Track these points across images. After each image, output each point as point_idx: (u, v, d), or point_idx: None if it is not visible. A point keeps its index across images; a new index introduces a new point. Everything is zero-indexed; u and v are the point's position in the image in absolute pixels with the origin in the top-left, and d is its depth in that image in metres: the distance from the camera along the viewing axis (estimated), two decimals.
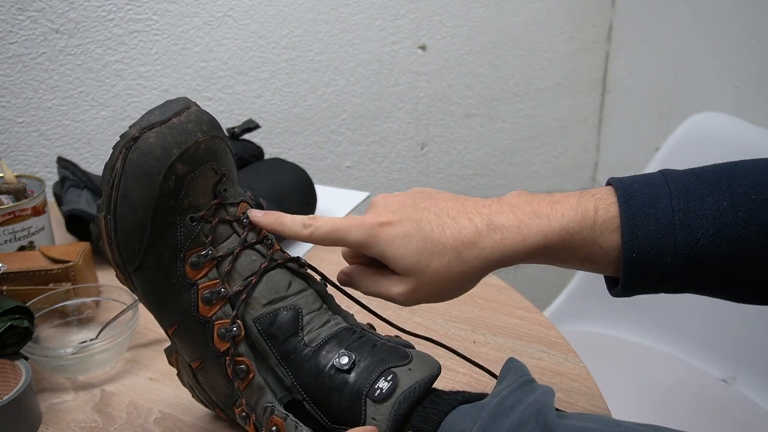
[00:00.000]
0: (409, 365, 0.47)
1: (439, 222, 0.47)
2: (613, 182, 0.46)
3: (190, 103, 0.48)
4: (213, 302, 0.48)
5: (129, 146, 0.46)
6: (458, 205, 0.48)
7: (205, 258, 0.48)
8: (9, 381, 0.60)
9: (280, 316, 0.49)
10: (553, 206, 0.46)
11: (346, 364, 0.47)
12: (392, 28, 1.43)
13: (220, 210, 0.49)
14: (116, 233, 0.47)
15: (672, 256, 0.42)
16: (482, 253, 0.46)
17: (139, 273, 0.48)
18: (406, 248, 0.46)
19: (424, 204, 0.49)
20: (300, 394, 0.48)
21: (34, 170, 1.21)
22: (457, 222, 0.47)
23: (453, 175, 1.64)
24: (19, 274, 0.72)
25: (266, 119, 1.38)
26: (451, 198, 0.49)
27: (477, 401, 0.45)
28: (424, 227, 0.47)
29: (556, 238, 0.45)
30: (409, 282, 0.47)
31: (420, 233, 0.46)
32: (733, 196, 0.42)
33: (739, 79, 1.28)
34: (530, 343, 0.70)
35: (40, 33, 1.15)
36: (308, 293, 0.50)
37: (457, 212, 0.47)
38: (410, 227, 0.47)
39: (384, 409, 0.44)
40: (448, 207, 0.48)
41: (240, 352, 0.48)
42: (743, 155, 1.18)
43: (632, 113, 1.62)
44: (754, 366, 1.07)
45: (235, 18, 1.29)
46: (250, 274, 0.49)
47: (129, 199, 0.46)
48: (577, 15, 1.60)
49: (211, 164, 0.48)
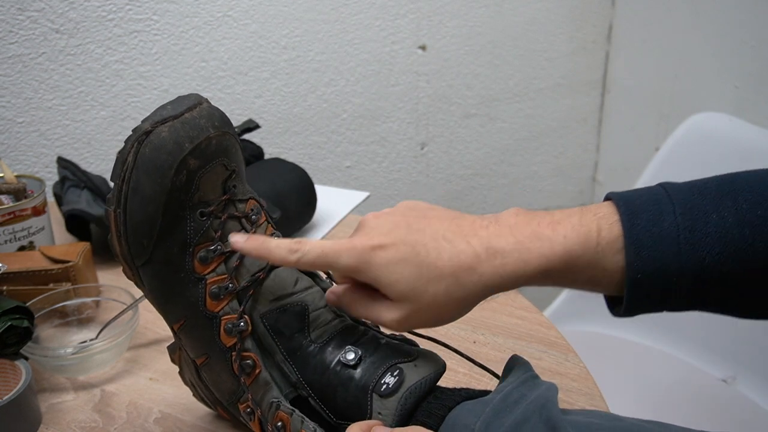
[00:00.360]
0: (414, 362, 0.47)
1: (436, 245, 0.45)
2: (613, 198, 0.44)
3: (201, 99, 0.48)
4: (221, 297, 0.48)
5: (141, 140, 0.46)
6: (454, 226, 0.46)
7: (213, 253, 0.48)
8: (9, 381, 0.60)
9: (287, 312, 0.49)
10: (554, 227, 0.44)
11: (353, 359, 0.47)
12: (392, 28, 1.43)
13: (229, 206, 0.49)
14: (126, 227, 0.47)
15: (677, 276, 0.41)
16: (482, 278, 0.44)
17: (148, 267, 0.48)
18: (401, 274, 0.44)
19: (418, 225, 0.46)
20: (305, 390, 0.48)
21: (34, 170, 1.21)
22: (455, 245, 0.44)
23: (453, 175, 1.64)
24: (19, 274, 0.72)
25: (266, 119, 1.38)
26: (446, 217, 0.47)
27: (481, 397, 0.45)
28: (420, 251, 0.44)
29: (558, 261, 0.43)
30: (403, 308, 0.45)
31: (416, 258, 0.44)
32: (739, 212, 0.41)
33: (739, 79, 1.28)
34: (530, 343, 0.70)
35: (40, 33, 1.15)
36: (314, 290, 0.51)
37: (454, 234, 0.45)
38: (405, 251, 0.44)
39: (390, 404, 0.45)
40: (444, 228, 0.46)
41: (246, 347, 0.48)
42: (743, 155, 1.18)
43: (632, 113, 1.62)
44: (754, 366, 1.07)
45: (235, 18, 1.29)
46: (258, 270, 0.49)
47: (140, 193, 0.46)
48: (577, 15, 1.60)
49: (222, 160, 0.48)
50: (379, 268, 0.44)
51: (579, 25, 1.61)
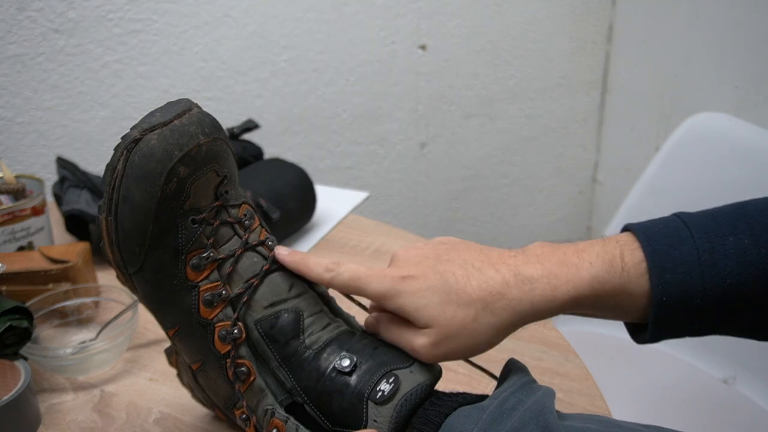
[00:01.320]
0: (410, 368, 0.47)
1: (464, 273, 0.45)
2: (632, 228, 0.45)
3: (191, 104, 0.47)
4: (214, 304, 0.48)
5: (130, 148, 0.45)
6: (483, 255, 0.47)
7: (206, 260, 0.48)
8: (8, 381, 0.60)
9: (281, 318, 0.49)
10: (579, 255, 0.45)
11: (348, 366, 0.47)
12: (392, 28, 1.43)
13: (221, 212, 0.49)
14: (117, 235, 0.47)
15: (701, 298, 0.42)
16: (511, 303, 0.44)
17: (140, 275, 0.48)
18: (429, 299, 0.45)
19: (448, 256, 0.47)
20: (301, 396, 0.48)
21: (33, 170, 1.21)
22: (483, 272, 0.45)
23: (453, 175, 1.64)
24: (18, 274, 0.71)
25: (266, 119, 1.38)
26: (475, 248, 0.48)
27: (478, 403, 0.45)
28: (449, 278, 0.45)
29: (586, 287, 0.44)
30: (432, 334, 0.45)
31: (444, 285, 0.45)
32: (753, 233, 0.42)
33: (739, 79, 1.28)
34: (530, 344, 0.70)
35: (39, 33, 1.14)
36: (309, 296, 0.50)
37: (482, 263, 0.46)
38: (434, 279, 0.45)
39: (386, 411, 0.44)
40: (473, 258, 0.47)
41: (241, 354, 0.48)
42: (743, 155, 1.18)
43: (632, 113, 1.62)
44: (754, 366, 1.07)
45: (235, 18, 1.29)
46: (252, 276, 0.49)
47: (130, 201, 0.46)
48: (577, 15, 1.60)
49: (212, 166, 0.48)
50: (407, 296, 0.46)
51: (579, 25, 1.61)
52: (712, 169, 1.11)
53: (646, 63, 1.54)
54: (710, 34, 1.34)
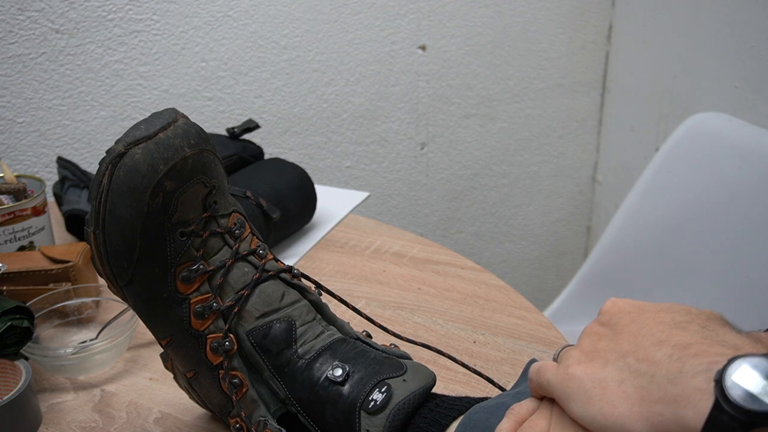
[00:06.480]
0: (403, 376, 0.46)
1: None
2: None
3: (177, 115, 0.47)
4: (205, 316, 0.47)
5: (115, 162, 0.45)
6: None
7: (196, 273, 0.47)
8: (9, 381, 0.60)
9: (274, 328, 0.48)
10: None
11: (340, 375, 0.46)
12: (392, 28, 1.43)
13: (210, 222, 0.48)
14: (106, 248, 0.46)
15: None
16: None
17: (130, 287, 0.48)
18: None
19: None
20: (294, 406, 0.48)
21: (34, 170, 1.21)
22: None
23: (453, 175, 1.64)
24: (19, 274, 0.72)
25: (266, 119, 1.38)
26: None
27: (489, 399, 0.44)
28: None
29: None
30: None
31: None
32: None
33: (739, 79, 1.28)
34: (530, 343, 0.70)
35: (40, 33, 1.15)
36: (302, 304, 0.50)
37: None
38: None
39: (378, 421, 0.44)
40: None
41: (233, 365, 0.48)
42: (743, 155, 1.18)
43: (632, 113, 1.62)
44: None
45: (235, 18, 1.29)
46: (243, 287, 0.48)
47: (117, 216, 0.45)
48: (577, 15, 1.60)
49: (200, 178, 0.47)
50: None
51: (579, 25, 1.61)
52: (712, 168, 1.11)
53: (646, 63, 1.54)
54: (710, 34, 1.34)
